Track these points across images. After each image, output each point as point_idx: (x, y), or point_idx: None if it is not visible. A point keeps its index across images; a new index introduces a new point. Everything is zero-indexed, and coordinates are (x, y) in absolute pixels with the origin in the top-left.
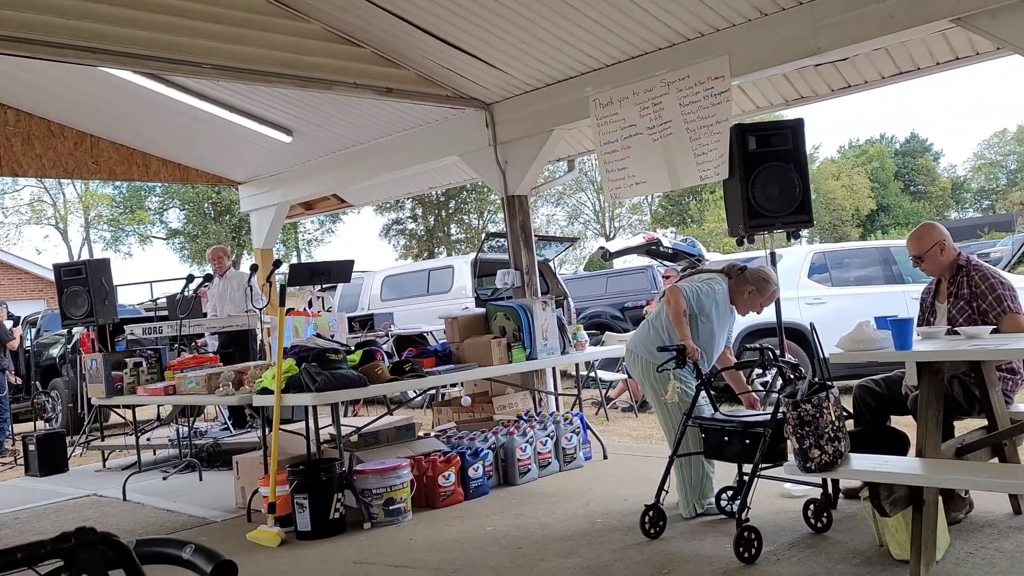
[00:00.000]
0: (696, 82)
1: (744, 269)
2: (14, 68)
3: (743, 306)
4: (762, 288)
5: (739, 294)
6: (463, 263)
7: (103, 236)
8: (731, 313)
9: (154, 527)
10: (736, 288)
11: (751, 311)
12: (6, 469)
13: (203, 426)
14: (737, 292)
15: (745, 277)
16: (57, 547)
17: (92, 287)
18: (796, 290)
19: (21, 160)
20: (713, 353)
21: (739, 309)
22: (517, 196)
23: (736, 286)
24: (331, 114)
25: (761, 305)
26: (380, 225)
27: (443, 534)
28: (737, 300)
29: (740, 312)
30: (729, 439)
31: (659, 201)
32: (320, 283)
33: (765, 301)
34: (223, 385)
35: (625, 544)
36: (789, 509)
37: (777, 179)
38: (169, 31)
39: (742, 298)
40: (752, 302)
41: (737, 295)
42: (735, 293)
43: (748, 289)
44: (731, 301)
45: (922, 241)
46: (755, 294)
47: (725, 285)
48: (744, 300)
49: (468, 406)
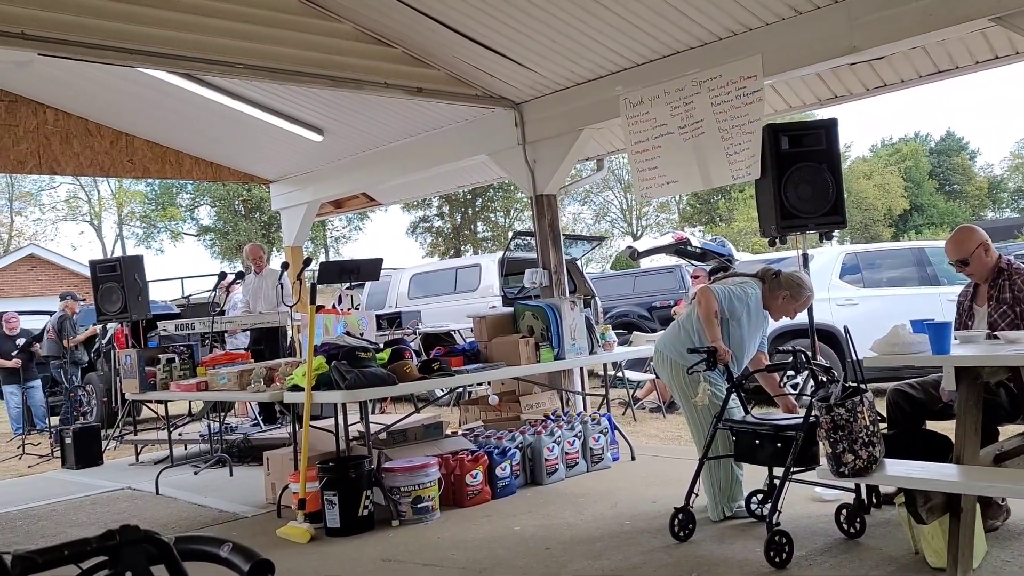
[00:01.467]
0: (728, 81)
1: (778, 274)
2: (54, 69)
3: (777, 312)
4: (796, 294)
5: (773, 299)
6: (490, 262)
7: (136, 232)
8: (764, 318)
9: (186, 521)
10: (770, 293)
11: (784, 317)
12: (43, 461)
13: (234, 422)
14: (771, 297)
15: (779, 282)
16: (102, 544)
17: (126, 283)
18: (827, 291)
19: (60, 158)
20: (743, 357)
21: (772, 314)
22: (546, 195)
23: (770, 291)
24: (361, 113)
25: (795, 311)
26: (407, 223)
27: (471, 533)
28: (771, 306)
29: (774, 317)
30: (760, 442)
31: (687, 200)
32: (349, 281)
33: (799, 307)
34: (254, 382)
35: (654, 546)
36: (821, 514)
37: (810, 179)
38: (203, 31)
39: (776, 303)
40: (786, 308)
41: (771, 300)
42: (769, 298)
43: (782, 294)
44: (764, 306)
45: (965, 245)
46: (789, 299)
47: (759, 290)
48: (778, 306)
49: (495, 405)
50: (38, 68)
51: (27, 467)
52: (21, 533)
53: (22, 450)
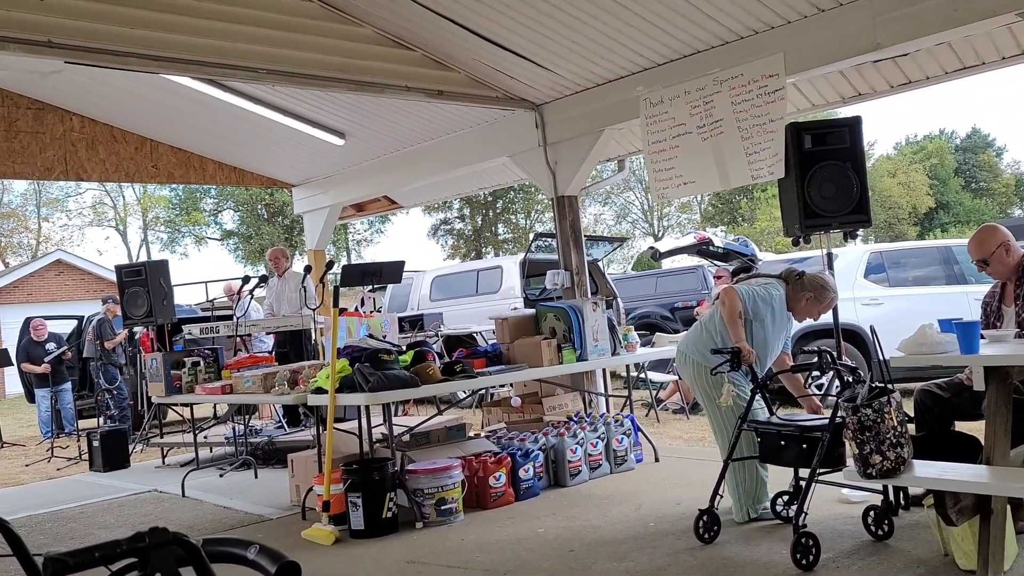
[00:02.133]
0: (750, 80)
1: (802, 275)
2: (81, 77)
3: (800, 313)
4: (820, 295)
5: (797, 301)
6: (512, 263)
7: (160, 237)
8: (788, 320)
9: (212, 524)
10: (794, 295)
11: (808, 318)
12: (71, 464)
13: (258, 424)
14: (795, 299)
15: (803, 284)
16: (132, 546)
17: (151, 288)
18: (852, 291)
19: (86, 164)
20: (767, 358)
21: (796, 316)
22: (567, 196)
23: (794, 293)
24: (382, 117)
25: (819, 313)
26: (428, 225)
27: (494, 535)
28: (795, 307)
29: (797, 319)
30: (786, 443)
31: (709, 200)
32: (371, 283)
33: (823, 309)
34: (278, 384)
35: (678, 548)
36: (848, 515)
37: (834, 178)
38: (226, 38)
39: (799, 305)
40: (810, 309)
41: (795, 302)
42: (793, 300)
43: (806, 296)
44: (788, 308)
45: (986, 244)
46: (813, 301)
47: (783, 291)
48: (802, 307)
49: (518, 407)
50: (64, 75)
51: (56, 470)
52: (51, 535)
53: (51, 453)
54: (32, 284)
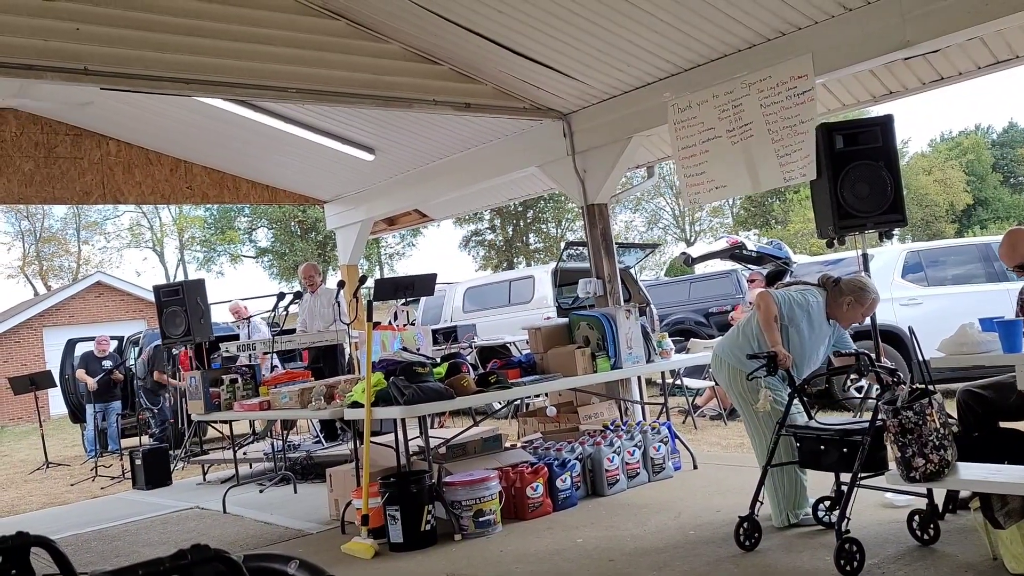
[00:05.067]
0: (778, 82)
1: (838, 281)
2: (116, 102)
3: (844, 319)
4: (860, 298)
5: (837, 307)
6: (543, 273)
7: (196, 257)
8: (831, 326)
9: (253, 539)
10: (834, 301)
11: (854, 323)
12: (115, 483)
13: (296, 439)
14: (835, 305)
15: (840, 289)
16: (175, 564)
17: (189, 307)
18: (889, 291)
19: (123, 187)
20: (804, 365)
21: (841, 322)
22: (597, 204)
23: (833, 299)
24: (411, 131)
25: (862, 316)
26: (459, 237)
27: (533, 546)
28: (836, 313)
29: (843, 325)
30: (825, 448)
31: (741, 203)
32: (404, 297)
33: (866, 311)
34: (315, 399)
35: (719, 556)
36: (892, 520)
37: (867, 178)
38: (255, 59)
39: (841, 311)
40: (853, 314)
41: (836, 308)
42: (833, 306)
43: (846, 301)
44: (830, 315)
45: (1018, 249)
46: (854, 305)
47: (821, 298)
48: (844, 313)
49: (553, 416)
50: (101, 101)
51: (100, 488)
52: (97, 553)
53: (95, 472)
54: (73, 306)
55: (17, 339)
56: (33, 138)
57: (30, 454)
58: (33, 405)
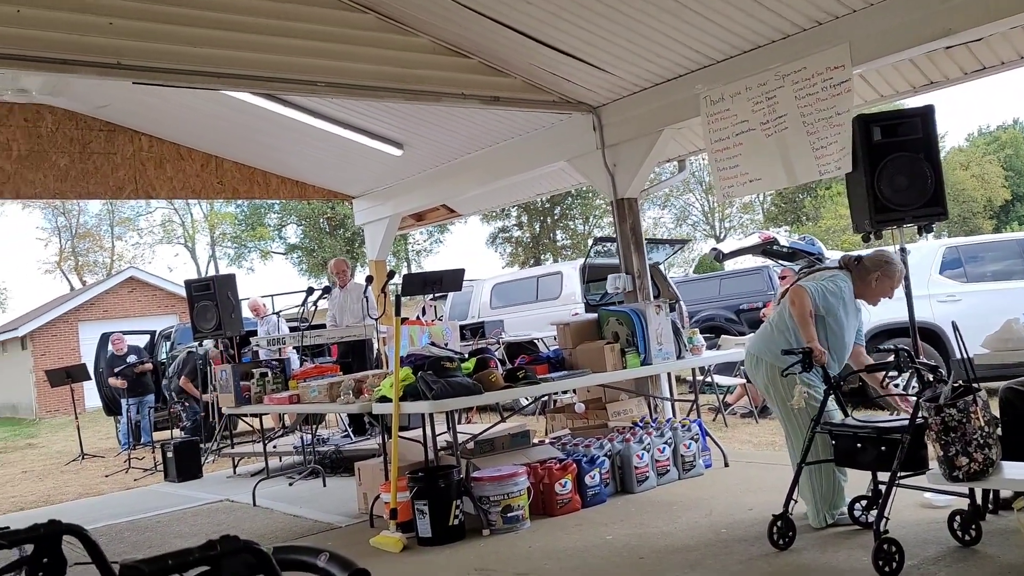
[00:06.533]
0: (814, 73)
1: (860, 259)
2: (148, 96)
3: (873, 296)
4: (888, 271)
5: (866, 285)
6: (571, 269)
7: (227, 253)
8: (858, 310)
9: (283, 532)
10: (861, 280)
11: (884, 298)
12: (147, 475)
13: (325, 433)
14: (863, 284)
15: (865, 266)
16: (204, 554)
17: (220, 301)
18: (927, 288)
19: (154, 183)
20: (843, 355)
21: (870, 300)
22: (627, 199)
23: (860, 278)
24: (439, 125)
25: (891, 289)
26: (487, 234)
27: (562, 542)
28: (865, 292)
29: (872, 302)
30: (862, 445)
31: (772, 199)
32: (432, 292)
33: (895, 283)
34: (344, 394)
35: (752, 555)
36: (932, 520)
37: (906, 170)
38: (284, 52)
39: (869, 289)
40: (882, 289)
41: (864, 287)
42: (861, 286)
43: (873, 277)
44: (859, 295)
45: None
46: (882, 279)
47: (849, 281)
48: (872, 290)
49: (582, 413)
50: (133, 96)
51: (133, 480)
52: (129, 543)
53: (128, 464)
54: (107, 301)
55: (54, 333)
56: (68, 134)
57: (66, 445)
58: (69, 397)
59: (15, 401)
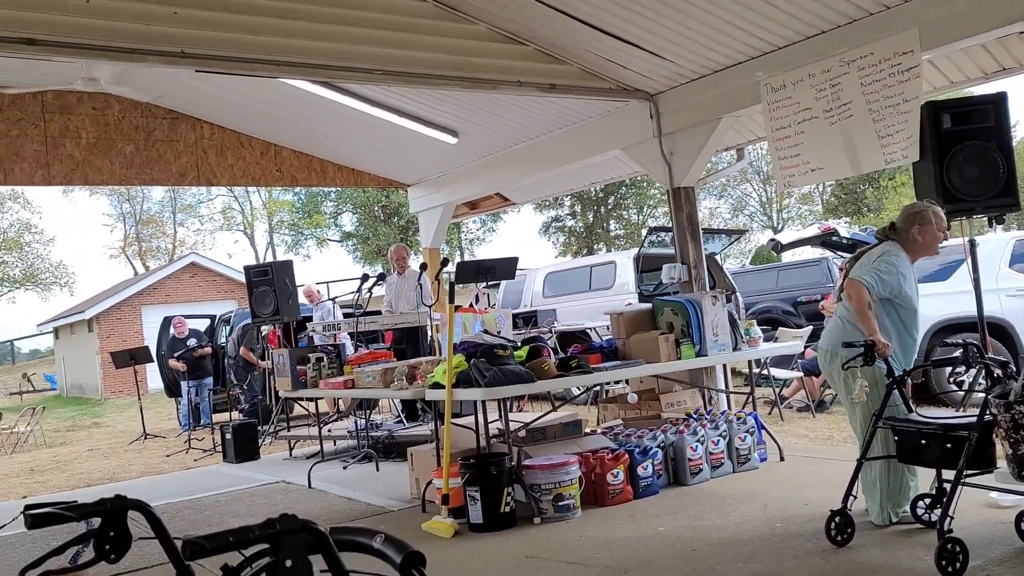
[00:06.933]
0: (881, 59)
1: (893, 224)
2: (209, 85)
3: (928, 249)
4: (921, 219)
5: (914, 243)
6: (625, 259)
7: (285, 240)
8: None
9: (337, 514)
10: (907, 243)
11: (938, 244)
12: (206, 456)
13: (378, 419)
14: (912, 245)
15: (903, 229)
16: (264, 532)
17: (277, 287)
18: (996, 281)
19: (215, 170)
20: (919, 328)
21: (930, 253)
22: (683, 188)
23: (905, 241)
24: (495, 114)
25: (942, 235)
26: (539, 223)
27: (613, 532)
28: (918, 249)
29: (933, 253)
30: (927, 442)
31: (832, 190)
32: (486, 280)
33: (937, 223)
34: (397, 380)
35: (808, 551)
36: (998, 520)
37: (976, 159)
38: (342, 40)
39: (920, 244)
40: (930, 236)
41: (914, 246)
42: (911, 247)
43: (914, 232)
44: (915, 257)
45: None
46: (924, 229)
47: (900, 249)
48: (923, 243)
49: (635, 403)
50: (196, 85)
51: (193, 460)
52: (189, 521)
53: (188, 445)
54: (169, 286)
55: (118, 316)
56: (134, 122)
57: (130, 425)
58: (133, 379)
59: (82, 381)
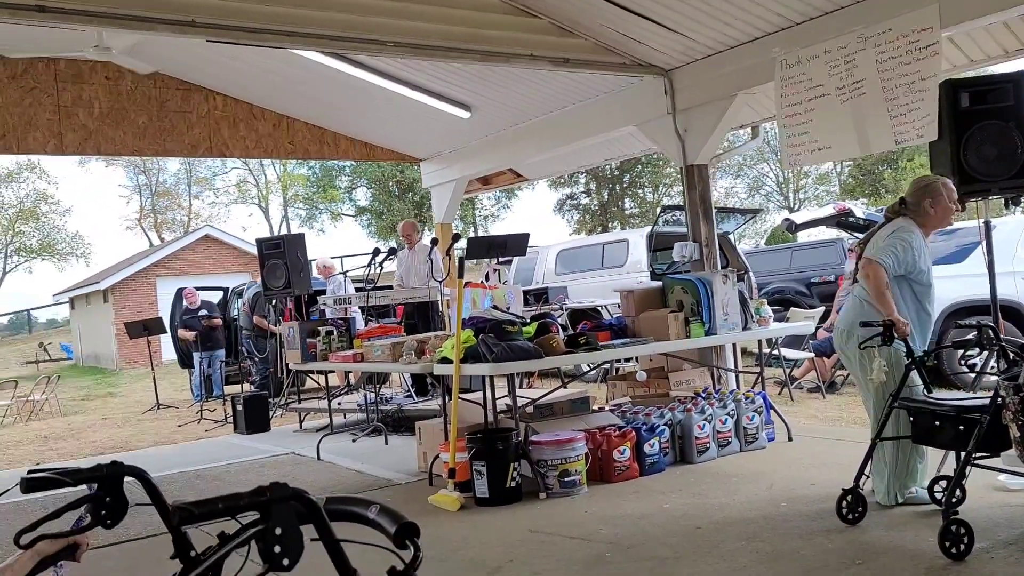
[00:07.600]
0: (899, 35)
1: (903, 200)
2: (221, 56)
3: (938, 223)
4: (930, 191)
5: (924, 216)
6: (638, 237)
7: (299, 214)
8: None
9: (344, 486)
10: (919, 217)
11: (951, 215)
12: (218, 427)
13: (388, 393)
14: (924, 218)
15: (913, 200)
16: (254, 500)
17: (289, 260)
18: (1011, 264)
19: (228, 142)
20: (934, 302)
21: (943, 224)
22: (696, 165)
23: (918, 215)
24: (507, 88)
25: (954, 205)
26: (554, 200)
27: (618, 509)
28: (931, 222)
29: (945, 224)
30: (940, 424)
31: (849, 170)
32: (497, 256)
33: (947, 193)
34: (406, 354)
35: (813, 530)
36: (1006, 504)
37: (995, 139)
38: (354, 11)
39: (931, 216)
40: (943, 207)
41: (926, 219)
42: (924, 221)
43: (925, 204)
44: (928, 231)
45: None
46: (935, 200)
47: (912, 225)
48: (933, 217)
49: (643, 381)
50: (208, 55)
51: (204, 431)
52: (199, 491)
53: (200, 416)
54: (183, 258)
55: (133, 287)
56: (147, 92)
57: (144, 396)
58: (146, 350)
59: (98, 351)
